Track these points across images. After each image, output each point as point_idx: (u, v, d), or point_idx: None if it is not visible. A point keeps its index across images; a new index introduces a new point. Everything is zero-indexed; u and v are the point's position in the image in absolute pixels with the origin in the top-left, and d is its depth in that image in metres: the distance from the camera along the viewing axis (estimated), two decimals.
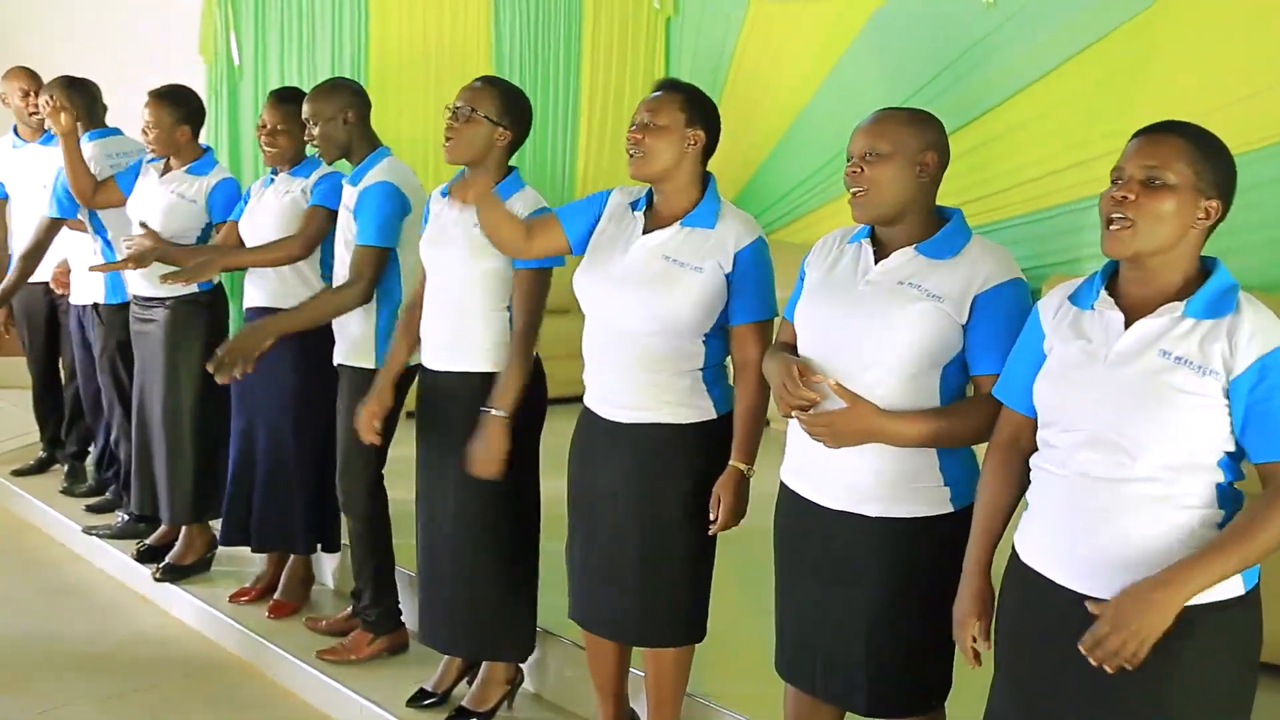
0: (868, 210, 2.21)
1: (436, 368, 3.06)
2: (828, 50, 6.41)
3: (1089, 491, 1.84)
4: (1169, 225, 1.80)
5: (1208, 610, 1.77)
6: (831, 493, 2.25)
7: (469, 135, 2.91)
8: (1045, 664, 1.91)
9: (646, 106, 2.61)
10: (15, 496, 5.14)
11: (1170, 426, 1.77)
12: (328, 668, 3.48)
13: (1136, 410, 1.79)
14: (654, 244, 2.60)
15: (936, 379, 2.18)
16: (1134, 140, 1.87)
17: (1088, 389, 1.84)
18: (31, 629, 3.98)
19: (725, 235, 2.56)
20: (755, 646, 2.44)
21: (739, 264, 2.55)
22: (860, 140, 2.22)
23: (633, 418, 2.63)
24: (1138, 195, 1.80)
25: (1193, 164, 1.80)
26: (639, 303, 2.57)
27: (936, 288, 2.15)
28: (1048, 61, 5.44)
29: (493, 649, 3.16)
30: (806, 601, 2.32)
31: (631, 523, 2.64)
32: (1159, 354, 1.79)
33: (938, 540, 2.20)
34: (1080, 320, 1.91)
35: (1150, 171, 1.81)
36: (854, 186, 2.20)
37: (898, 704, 2.29)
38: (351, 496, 3.41)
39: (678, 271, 2.55)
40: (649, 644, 2.75)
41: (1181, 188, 1.79)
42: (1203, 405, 1.76)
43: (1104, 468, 1.82)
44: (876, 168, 2.17)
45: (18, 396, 5.71)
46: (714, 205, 2.61)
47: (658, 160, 2.57)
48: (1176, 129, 1.84)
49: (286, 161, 3.65)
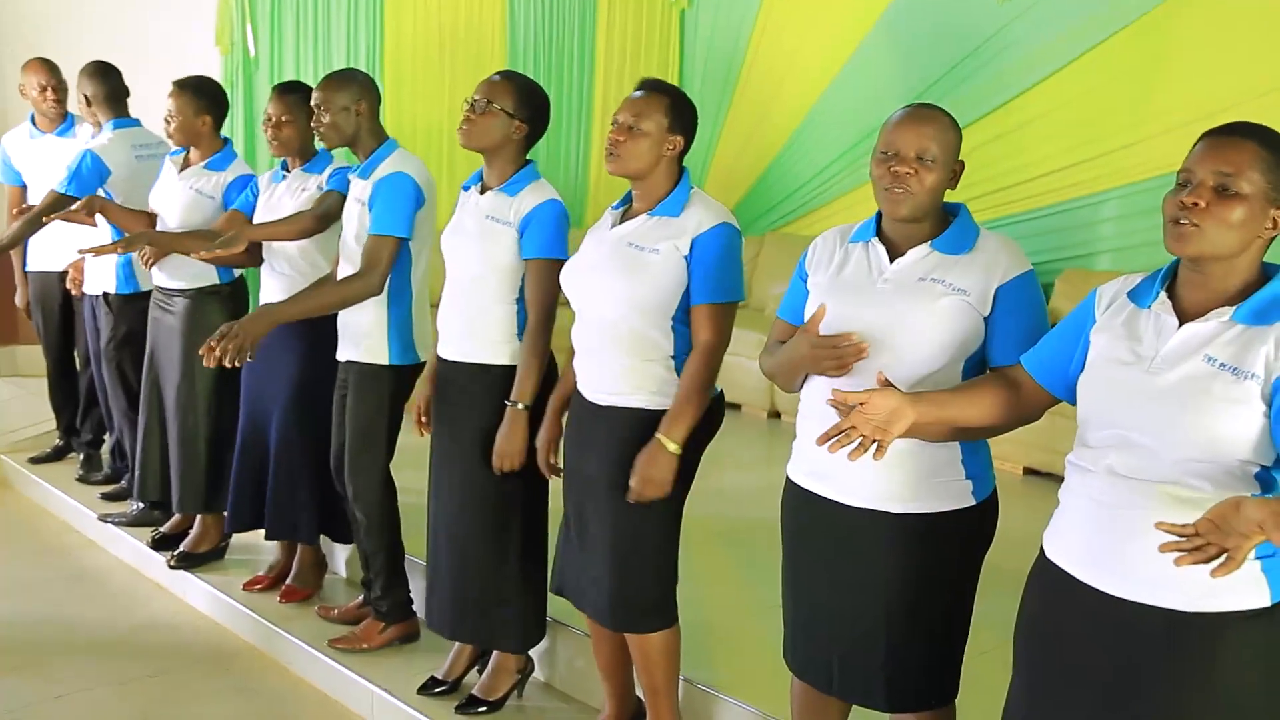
0: (909, 209, 2.17)
1: (449, 358, 3.09)
2: (842, 44, 6.41)
3: (1118, 491, 1.81)
4: (1237, 234, 1.75)
5: (1235, 619, 1.74)
6: (852, 490, 2.23)
7: (485, 126, 2.95)
8: (1066, 667, 1.88)
9: (630, 109, 2.63)
10: (32, 483, 5.20)
11: (1200, 431, 1.73)
12: (340, 656, 3.52)
13: (1169, 414, 1.75)
14: (622, 233, 2.66)
15: (959, 374, 2.18)
16: (1203, 142, 1.80)
17: (1128, 391, 1.81)
18: (48, 614, 4.02)
19: (688, 221, 2.61)
20: (760, 637, 2.46)
21: (696, 247, 2.58)
22: (910, 139, 2.16)
23: (609, 401, 2.68)
24: (1209, 203, 1.74)
25: (1266, 172, 1.74)
26: (603, 287, 2.64)
27: (959, 282, 2.15)
28: (1059, 58, 5.44)
29: (499, 637, 3.18)
30: (823, 600, 2.32)
31: (606, 505, 2.69)
32: (1204, 359, 1.76)
33: (961, 533, 2.21)
34: (1135, 319, 1.87)
35: (1223, 179, 1.74)
36: (899, 186, 2.15)
37: (916, 699, 2.30)
38: (361, 490, 3.43)
39: (637, 255, 2.61)
40: (623, 629, 2.79)
41: (1254, 197, 1.74)
42: (1238, 411, 1.72)
43: (1132, 468, 1.79)
44: (930, 172, 2.15)
45: (36, 384, 5.74)
46: (683, 196, 2.64)
47: (634, 163, 2.62)
48: (1250, 132, 1.77)
49: (294, 154, 3.68)
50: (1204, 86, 4.99)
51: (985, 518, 2.22)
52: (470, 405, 3.05)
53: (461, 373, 3.07)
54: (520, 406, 2.95)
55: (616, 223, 2.70)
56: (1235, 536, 1.56)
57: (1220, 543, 1.57)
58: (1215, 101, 4.88)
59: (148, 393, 4.19)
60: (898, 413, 1.95)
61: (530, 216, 2.95)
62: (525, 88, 3.01)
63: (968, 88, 5.80)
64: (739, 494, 4.12)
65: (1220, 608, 1.73)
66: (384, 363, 3.34)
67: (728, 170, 7.21)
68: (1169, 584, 1.74)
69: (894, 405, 1.95)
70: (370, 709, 3.36)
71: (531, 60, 6.90)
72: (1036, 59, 5.51)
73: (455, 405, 3.09)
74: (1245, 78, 4.90)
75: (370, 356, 3.36)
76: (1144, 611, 1.78)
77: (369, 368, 3.37)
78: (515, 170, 3.01)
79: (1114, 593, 1.81)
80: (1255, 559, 1.71)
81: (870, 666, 2.26)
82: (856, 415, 1.95)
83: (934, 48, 5.96)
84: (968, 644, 2.31)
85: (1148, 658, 1.77)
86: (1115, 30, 5.27)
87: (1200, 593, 1.71)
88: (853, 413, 1.95)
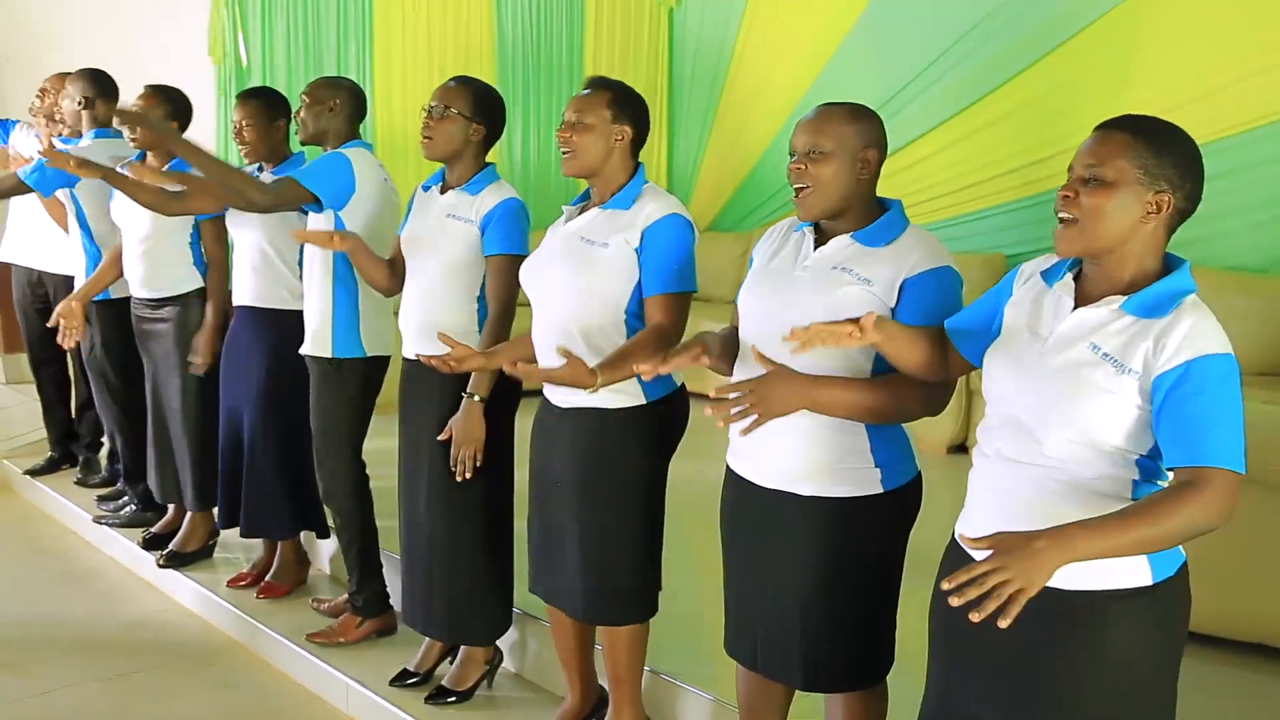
0: (810, 209, 2.24)
1: (410, 356, 3.15)
2: (825, 40, 6.47)
3: (1007, 475, 1.88)
4: (1111, 222, 1.78)
5: (1117, 596, 1.79)
6: (767, 472, 2.30)
7: (445, 131, 3.02)
8: (971, 642, 1.93)
9: (573, 106, 2.69)
10: (31, 486, 5.33)
11: (1077, 418, 1.78)
12: (317, 649, 3.61)
13: (1051, 398, 1.81)
14: (574, 229, 2.70)
15: (869, 364, 2.22)
16: (1088, 137, 1.85)
17: (1023, 369, 1.88)
18: (39, 613, 4.13)
19: (638, 214, 2.64)
20: (718, 627, 2.51)
21: (646, 238, 2.61)
22: (803, 137, 2.23)
23: (570, 402, 2.72)
24: (1077, 193, 1.80)
25: (1135, 158, 1.77)
26: (554, 282, 2.68)
27: (867, 272, 2.19)
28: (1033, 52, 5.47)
29: (465, 631, 3.26)
30: (744, 579, 2.39)
31: (574, 505, 2.73)
32: (1089, 347, 1.81)
33: (868, 520, 2.26)
34: (1041, 297, 1.93)
35: (1090, 170, 1.79)
36: (797, 184, 2.23)
37: (834, 680, 2.35)
38: (331, 485, 3.52)
39: (588, 249, 2.64)
40: (596, 621, 2.84)
41: (1121, 183, 1.78)
42: (1114, 402, 1.77)
43: (1019, 452, 1.85)
44: (820, 165, 2.21)
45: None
46: (635, 190, 2.68)
47: (585, 156, 2.66)
48: (1126, 124, 1.81)
49: (262, 157, 3.78)
50: (1178, 75, 5.01)
51: (898, 505, 2.25)
52: (432, 402, 3.11)
53: (424, 369, 3.12)
54: (476, 399, 3.00)
55: (571, 218, 2.75)
56: (1020, 567, 1.62)
57: (1009, 579, 1.61)
58: (1190, 89, 4.91)
59: (153, 401, 4.29)
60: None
61: (491, 214, 3.02)
62: (480, 91, 3.09)
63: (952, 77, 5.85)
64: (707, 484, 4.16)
65: (1103, 585, 1.79)
66: (328, 355, 3.42)
67: (718, 166, 7.27)
68: None
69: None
70: (346, 701, 3.44)
71: (520, 63, 6.97)
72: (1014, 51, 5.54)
73: (419, 402, 3.16)
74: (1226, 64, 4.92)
75: (318, 349, 3.45)
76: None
77: (317, 361, 3.46)
78: (475, 171, 3.09)
79: None
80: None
81: (788, 645, 2.32)
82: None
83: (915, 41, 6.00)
84: (901, 626, 2.36)
85: (1038, 633, 1.83)
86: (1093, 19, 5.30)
87: (1082, 575, 1.76)
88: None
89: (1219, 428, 1.71)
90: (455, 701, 3.27)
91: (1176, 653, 1.87)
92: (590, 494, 2.70)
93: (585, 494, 2.70)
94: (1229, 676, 3.16)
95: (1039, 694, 1.86)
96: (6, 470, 5.57)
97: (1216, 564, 2.97)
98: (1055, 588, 1.78)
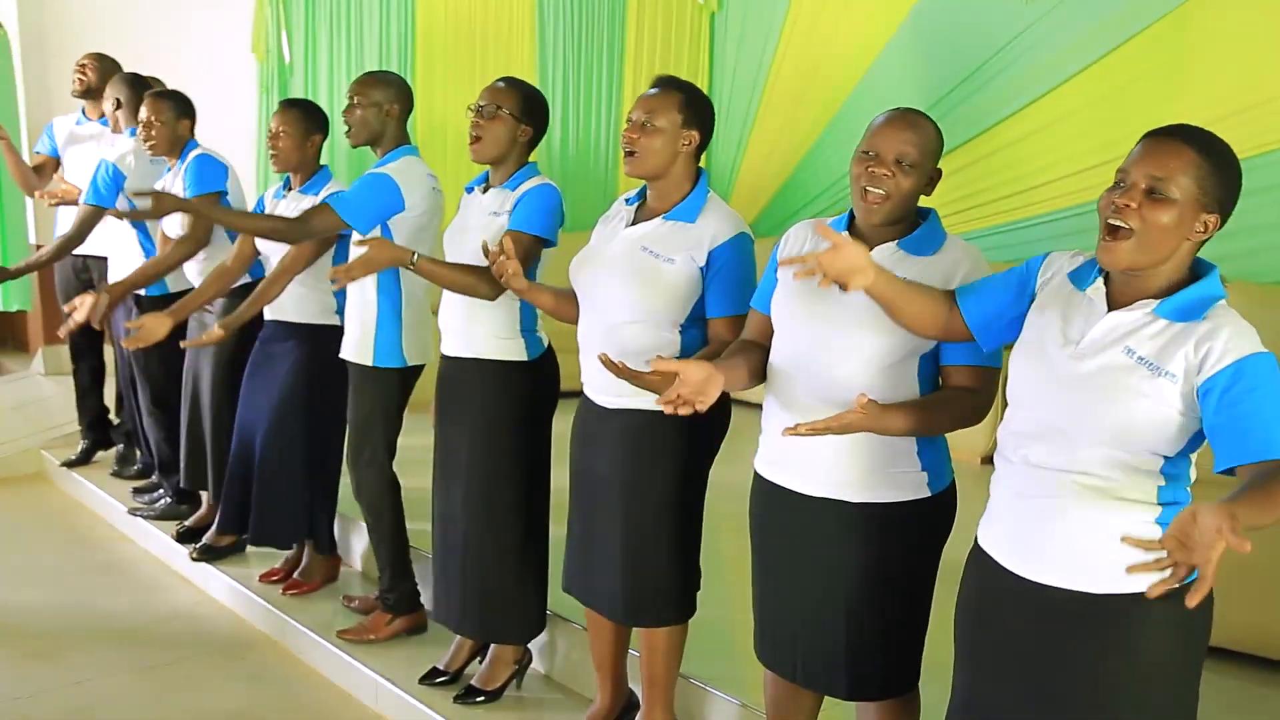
0: (885, 215, 2.19)
1: (450, 354, 3.15)
2: (869, 44, 6.42)
3: (1033, 481, 1.87)
4: (1169, 238, 1.77)
5: (1140, 600, 1.75)
6: (811, 480, 2.27)
7: (495, 132, 3.01)
8: (997, 646, 1.94)
9: (644, 106, 2.63)
10: (69, 478, 5.37)
11: (1113, 424, 1.77)
12: (347, 646, 3.61)
13: (1086, 402, 1.80)
14: (635, 236, 2.66)
15: (914, 367, 2.20)
16: (1142, 143, 1.82)
17: (1054, 374, 1.86)
18: (74, 603, 4.16)
19: (704, 230, 2.60)
20: (746, 631, 2.49)
21: (713, 259, 2.58)
22: (893, 142, 2.17)
23: (617, 403, 2.69)
24: (1140, 204, 1.76)
25: (1199, 179, 1.76)
26: (615, 292, 2.64)
27: (917, 280, 2.16)
28: (1082, 58, 5.40)
29: (499, 630, 3.25)
30: (786, 589, 2.36)
31: (619, 505, 2.71)
32: (1124, 350, 1.80)
33: (918, 524, 2.25)
34: (1072, 300, 1.91)
35: (1154, 182, 1.76)
36: (876, 188, 2.18)
37: (877, 687, 2.33)
38: (362, 484, 3.53)
39: (652, 263, 2.60)
40: (636, 623, 2.82)
41: (1184, 202, 1.75)
42: (1150, 406, 1.75)
43: (1049, 456, 1.84)
44: (908, 177, 2.17)
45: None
46: (699, 201, 2.65)
47: (652, 160, 2.62)
48: (1186, 136, 1.79)
49: (292, 168, 3.79)
50: (1230, 84, 4.93)
51: (942, 510, 2.26)
52: (472, 400, 3.10)
53: (463, 368, 3.12)
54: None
55: (630, 221, 2.70)
56: (1200, 550, 1.48)
57: (1187, 560, 1.50)
58: (1236, 103, 4.83)
59: (192, 395, 4.32)
60: (854, 266, 2.01)
61: (522, 197, 2.99)
62: (529, 93, 3.08)
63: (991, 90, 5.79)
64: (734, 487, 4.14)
65: (1130, 589, 1.77)
66: (369, 364, 3.43)
67: (758, 170, 7.23)
68: (1081, 570, 1.83)
69: (853, 257, 2.01)
70: (375, 698, 3.44)
71: (561, 63, 6.98)
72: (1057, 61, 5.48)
73: (458, 400, 3.15)
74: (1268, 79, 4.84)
75: (359, 358, 3.46)
76: (1061, 595, 1.85)
77: (357, 368, 3.47)
78: (517, 169, 3.08)
79: (1033, 578, 1.88)
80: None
81: (832, 656, 2.30)
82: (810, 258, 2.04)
83: (959, 48, 5.95)
84: (929, 633, 2.34)
85: (1066, 636, 1.84)
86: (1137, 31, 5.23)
87: (1109, 578, 1.77)
88: None
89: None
90: (484, 701, 3.26)
91: (1200, 654, 1.88)
92: (635, 493, 2.68)
93: (630, 493, 2.68)
94: (1262, 696, 3.10)
95: (1067, 697, 1.86)
96: (44, 461, 5.63)
97: (1248, 580, 2.93)
98: (1084, 592, 1.80)
